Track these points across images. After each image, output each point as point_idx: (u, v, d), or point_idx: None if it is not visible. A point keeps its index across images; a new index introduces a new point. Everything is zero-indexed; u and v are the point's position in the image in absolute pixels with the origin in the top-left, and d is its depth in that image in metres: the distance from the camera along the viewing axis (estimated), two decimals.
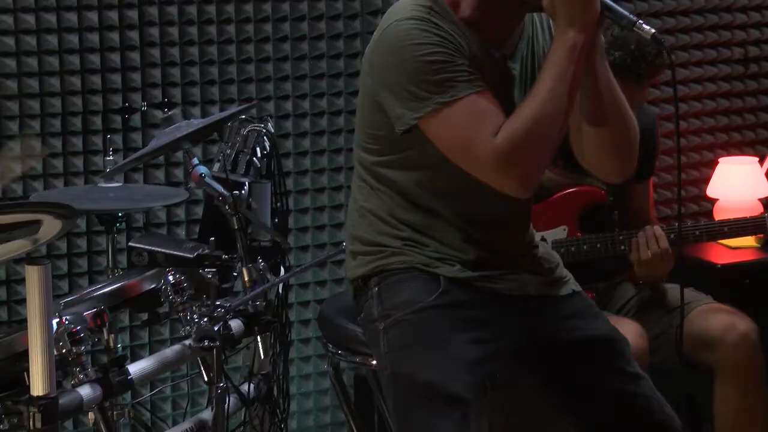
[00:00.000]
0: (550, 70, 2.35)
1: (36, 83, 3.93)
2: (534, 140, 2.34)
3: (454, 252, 2.55)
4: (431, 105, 2.38)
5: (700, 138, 4.74)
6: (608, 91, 2.45)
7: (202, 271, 3.04)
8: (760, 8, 4.76)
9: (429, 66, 2.37)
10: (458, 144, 2.40)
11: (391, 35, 2.43)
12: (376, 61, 2.47)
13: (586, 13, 2.32)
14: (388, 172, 2.54)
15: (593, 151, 2.51)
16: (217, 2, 4.09)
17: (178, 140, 3.08)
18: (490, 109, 2.38)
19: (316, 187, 4.29)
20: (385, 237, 2.57)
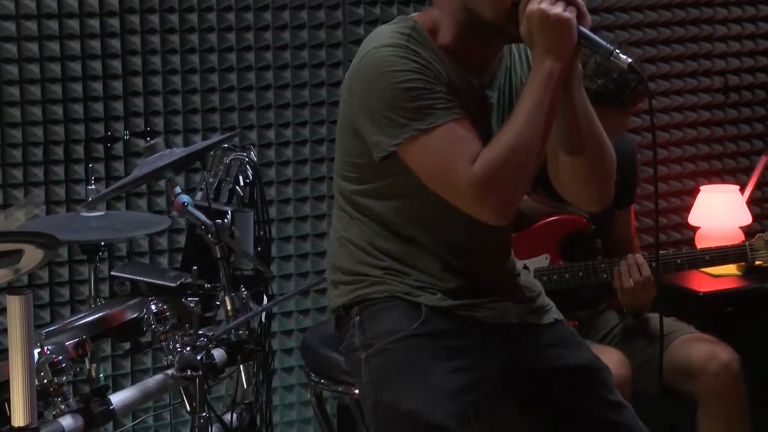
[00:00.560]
0: (527, 98, 2.36)
1: (18, 112, 3.92)
2: (511, 168, 2.34)
3: (435, 281, 2.55)
4: (409, 132, 2.38)
5: (682, 166, 4.77)
6: (585, 119, 2.45)
7: (185, 300, 3.04)
8: (740, 37, 4.80)
9: (407, 93, 2.38)
10: (436, 171, 2.40)
11: (370, 62, 2.43)
12: (355, 88, 2.47)
13: (563, 42, 2.34)
14: (368, 201, 2.55)
15: (570, 180, 2.52)
16: (199, 31, 4.10)
17: (161, 169, 3.08)
18: (467, 137, 2.38)
19: (298, 216, 4.30)
20: (366, 266, 2.57)
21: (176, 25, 4.07)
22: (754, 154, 4.82)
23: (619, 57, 2.34)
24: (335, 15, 4.24)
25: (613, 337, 3.55)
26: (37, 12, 3.91)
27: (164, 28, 4.06)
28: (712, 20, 4.74)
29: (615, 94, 3.30)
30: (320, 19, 4.23)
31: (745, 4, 4.79)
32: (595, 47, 2.36)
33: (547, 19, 2.32)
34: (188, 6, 4.08)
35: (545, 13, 2.32)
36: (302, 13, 4.21)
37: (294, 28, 4.20)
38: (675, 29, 4.69)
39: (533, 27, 2.34)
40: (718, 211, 4.39)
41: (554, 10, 2.32)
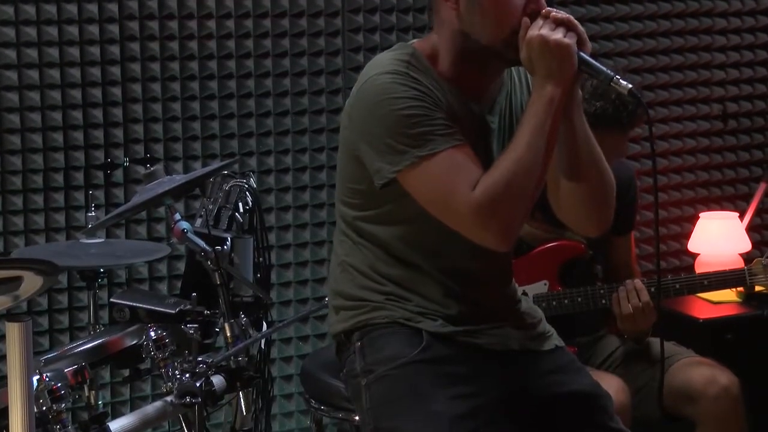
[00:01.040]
0: (527, 123, 2.37)
1: (18, 139, 3.93)
2: (512, 194, 2.35)
3: (436, 306, 2.55)
4: (409, 159, 2.39)
5: (681, 193, 4.77)
6: (586, 145, 2.46)
7: (184, 326, 3.04)
8: (738, 65, 4.81)
9: (407, 120, 2.39)
10: (437, 197, 2.41)
11: (370, 89, 2.44)
12: (355, 115, 2.48)
13: (564, 68, 2.35)
14: (369, 227, 2.55)
15: (570, 205, 2.52)
16: (199, 58, 4.11)
17: (161, 196, 3.08)
18: (468, 163, 2.39)
19: (298, 242, 4.30)
20: (367, 291, 2.57)
21: (176, 53, 4.08)
22: (753, 181, 4.83)
23: (620, 83, 2.35)
24: (335, 42, 4.25)
25: (612, 363, 3.54)
26: (38, 40, 3.92)
27: (164, 56, 4.07)
28: (710, 48, 4.76)
29: (613, 116, 3.31)
30: (320, 46, 4.24)
31: (742, 32, 4.81)
32: (595, 73, 2.37)
33: (547, 45, 2.33)
34: (188, 34, 4.09)
35: (545, 39, 2.33)
36: (302, 41, 4.22)
37: (294, 55, 4.22)
38: (673, 57, 4.71)
39: (534, 53, 2.35)
40: (718, 237, 4.39)
41: (554, 36, 2.33)
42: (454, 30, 2.46)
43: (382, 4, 4.29)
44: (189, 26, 4.09)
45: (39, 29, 3.92)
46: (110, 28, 4.00)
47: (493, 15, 2.40)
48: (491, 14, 2.40)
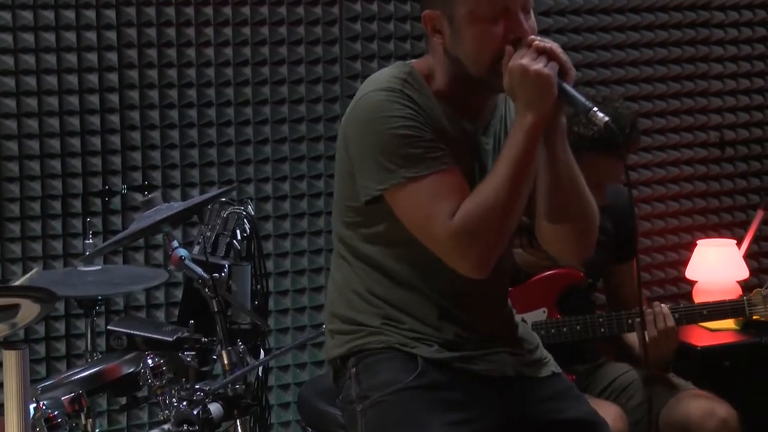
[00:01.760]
0: (507, 153, 2.39)
1: (16, 167, 3.93)
2: (489, 224, 2.37)
3: (432, 330, 2.55)
4: (396, 179, 2.41)
5: (678, 220, 4.77)
6: (568, 174, 2.47)
7: (182, 354, 3.03)
8: (735, 92, 4.83)
9: (399, 139, 2.41)
10: (418, 220, 2.43)
11: (364, 106, 2.46)
12: (350, 130, 2.50)
13: (544, 98, 2.36)
14: (366, 247, 2.55)
15: (551, 233, 2.53)
16: (198, 86, 4.12)
17: (158, 223, 3.08)
18: (452, 189, 2.41)
19: (296, 269, 4.29)
20: (363, 315, 2.57)
21: (174, 80, 4.09)
22: (750, 209, 4.83)
23: (597, 115, 2.36)
24: (333, 70, 4.27)
25: (613, 391, 3.53)
26: (36, 67, 3.93)
27: (162, 83, 4.08)
28: (707, 75, 4.77)
29: (610, 140, 3.32)
30: (318, 73, 4.25)
31: (739, 59, 4.82)
32: (574, 104, 2.38)
33: (528, 74, 2.35)
34: (186, 61, 4.10)
35: (526, 68, 2.35)
36: (300, 68, 4.23)
37: (292, 83, 4.23)
38: (670, 84, 4.72)
39: (515, 82, 2.37)
40: (716, 265, 4.39)
41: (535, 66, 2.35)
42: (442, 60, 2.49)
43: (379, 32, 4.31)
44: (187, 54, 4.10)
45: (37, 57, 3.93)
46: (109, 56, 4.01)
47: (474, 47, 2.43)
48: (472, 46, 2.43)
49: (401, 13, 4.33)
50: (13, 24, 3.90)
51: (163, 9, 4.05)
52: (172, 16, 4.06)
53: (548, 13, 4.50)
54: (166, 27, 4.07)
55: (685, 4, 4.71)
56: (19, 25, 3.90)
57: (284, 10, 4.19)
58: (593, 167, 3.29)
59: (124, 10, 4.01)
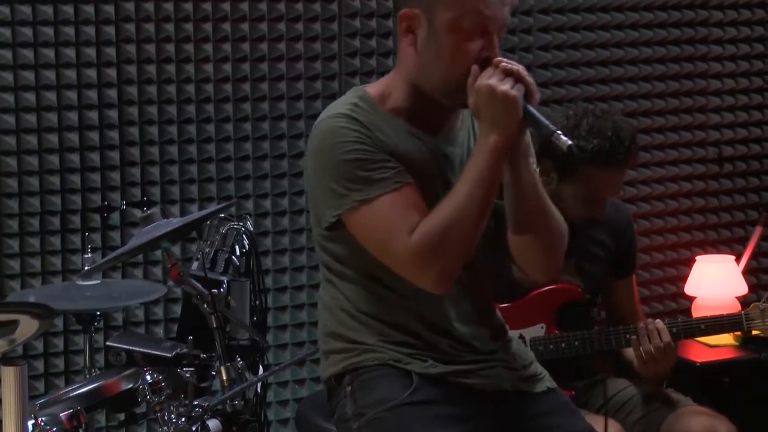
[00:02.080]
0: (469, 172, 2.40)
1: (15, 183, 3.93)
2: (448, 241, 2.38)
3: (425, 345, 2.55)
4: (349, 203, 2.43)
5: (677, 236, 4.78)
6: (533, 194, 2.48)
7: (180, 370, 3.03)
8: (733, 109, 4.84)
9: (348, 164, 2.43)
10: (376, 241, 2.44)
11: (316, 134, 2.50)
12: (308, 161, 2.54)
13: (508, 118, 2.37)
14: (348, 270, 2.56)
15: (519, 251, 2.55)
16: (197, 101, 4.13)
17: (157, 239, 3.08)
18: (408, 207, 2.42)
19: (294, 285, 4.29)
20: (356, 333, 2.57)
21: (173, 96, 4.09)
22: (749, 224, 4.84)
23: (560, 138, 2.37)
24: (332, 86, 4.27)
25: (612, 407, 3.53)
26: (36, 84, 3.93)
27: (162, 99, 4.08)
28: (706, 91, 4.78)
29: (610, 153, 3.33)
30: (317, 89, 4.26)
31: (738, 76, 4.83)
32: (538, 126, 2.40)
33: (494, 94, 2.36)
34: (186, 77, 4.11)
35: (492, 88, 2.37)
36: (299, 84, 4.24)
37: (291, 99, 4.23)
38: (669, 100, 4.73)
39: (481, 101, 2.39)
40: (714, 281, 4.39)
41: (501, 87, 2.37)
42: (410, 64, 2.49)
43: (378, 67, 4.32)
44: (186, 70, 4.11)
45: (37, 73, 3.93)
46: (108, 71, 4.01)
47: (448, 56, 2.43)
48: (446, 55, 2.44)
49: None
50: (13, 40, 3.90)
51: (162, 25, 4.06)
52: (171, 32, 4.07)
53: (548, 11, 4.52)
54: (165, 43, 4.07)
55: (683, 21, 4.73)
56: (18, 41, 3.91)
57: (283, 26, 4.20)
58: (593, 180, 3.30)
59: (124, 27, 4.02)
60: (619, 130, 3.33)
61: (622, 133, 3.32)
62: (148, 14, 4.04)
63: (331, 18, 4.27)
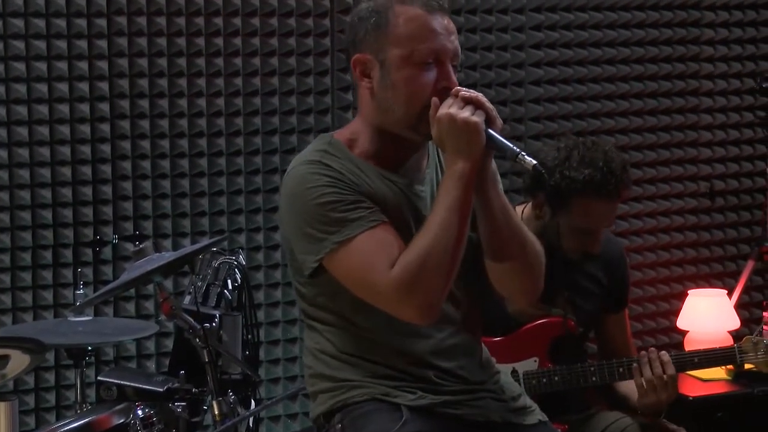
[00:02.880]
0: (441, 201, 2.43)
1: (7, 217, 3.93)
2: (429, 270, 2.39)
3: (412, 378, 2.55)
4: (328, 246, 2.44)
5: (669, 270, 4.78)
6: (504, 217, 2.50)
7: (172, 405, 3.02)
8: (724, 143, 4.85)
9: (321, 208, 2.44)
10: (357, 280, 2.45)
11: (287, 182, 2.52)
12: (281, 210, 2.55)
13: (472, 145, 2.40)
14: (328, 315, 2.57)
15: (497, 277, 2.56)
16: (189, 136, 4.13)
17: (150, 273, 3.07)
18: (385, 243, 2.44)
19: (287, 319, 4.28)
20: (342, 372, 2.57)
21: (166, 130, 4.10)
22: (740, 259, 4.84)
23: (525, 159, 2.40)
24: (325, 120, 4.28)
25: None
26: (28, 118, 3.94)
27: (154, 133, 4.09)
28: (697, 126, 4.80)
29: (601, 184, 3.33)
30: (309, 124, 4.27)
31: (729, 111, 4.85)
32: (502, 150, 2.43)
33: (455, 123, 2.39)
34: (179, 111, 4.11)
35: (453, 117, 2.39)
36: (291, 119, 4.25)
37: (283, 133, 4.24)
38: (660, 134, 4.75)
39: (443, 131, 2.41)
40: (707, 315, 4.39)
41: (462, 115, 2.40)
42: (370, 107, 2.53)
43: None
44: (179, 104, 4.11)
45: (29, 107, 3.94)
46: (101, 106, 4.02)
47: (405, 92, 2.46)
48: (402, 92, 2.47)
49: None
50: (6, 75, 3.91)
51: (155, 60, 4.07)
52: (164, 67, 4.08)
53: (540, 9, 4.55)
54: (158, 78, 4.08)
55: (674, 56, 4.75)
56: (11, 76, 3.92)
57: (276, 61, 4.22)
58: (584, 212, 3.30)
59: (116, 62, 4.03)
60: (610, 161, 3.33)
61: (613, 164, 3.33)
62: (141, 49, 4.06)
63: (324, 111, 4.29)
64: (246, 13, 4.17)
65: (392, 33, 2.46)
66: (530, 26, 4.53)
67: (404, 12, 2.46)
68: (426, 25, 2.45)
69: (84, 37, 3.98)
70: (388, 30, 2.46)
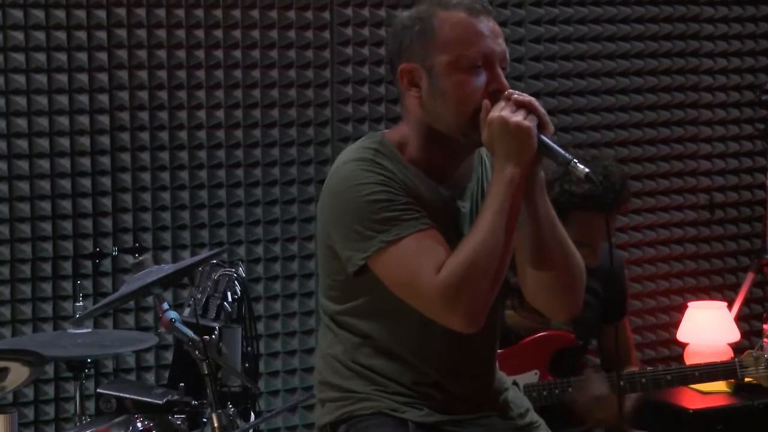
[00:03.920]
0: (489, 205, 2.39)
1: (6, 229, 3.93)
2: (476, 275, 2.35)
3: (420, 396, 2.53)
4: (377, 244, 2.39)
5: (669, 282, 4.78)
6: (550, 227, 2.46)
7: (171, 417, 3.01)
8: (724, 156, 4.86)
9: (372, 205, 2.40)
10: (403, 281, 2.41)
11: (337, 178, 2.47)
12: (326, 205, 2.49)
13: (523, 150, 2.36)
14: (350, 320, 2.54)
15: (537, 288, 2.52)
16: (189, 148, 4.14)
17: (149, 285, 3.07)
18: (433, 246, 2.40)
19: (286, 331, 4.28)
20: (351, 382, 2.55)
21: (166, 143, 4.10)
22: (740, 271, 4.84)
23: (577, 167, 2.36)
24: (324, 132, 4.28)
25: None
26: (28, 130, 3.94)
27: (154, 145, 4.09)
28: (697, 138, 4.81)
29: (601, 197, 3.33)
30: (309, 136, 4.27)
31: (728, 123, 4.86)
32: (553, 156, 2.38)
33: (507, 126, 2.35)
34: (178, 124, 4.12)
35: (505, 120, 2.35)
36: (291, 131, 4.25)
37: (283, 145, 4.24)
38: (660, 147, 4.75)
39: (494, 134, 2.37)
40: (707, 327, 4.39)
41: (514, 118, 2.35)
42: (419, 117, 2.49)
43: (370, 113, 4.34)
44: (179, 116, 4.12)
45: (29, 120, 3.94)
46: (101, 118, 4.02)
47: (455, 98, 2.42)
48: (453, 98, 2.42)
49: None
50: (6, 87, 3.91)
51: (155, 72, 4.08)
52: (164, 79, 4.09)
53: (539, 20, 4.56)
54: (158, 90, 4.09)
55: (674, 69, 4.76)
56: (11, 89, 3.92)
57: (276, 73, 4.22)
58: (584, 226, 3.29)
59: (116, 74, 4.03)
60: (610, 175, 3.33)
61: (612, 178, 3.33)
62: (141, 61, 4.06)
63: (324, 122, 4.29)
64: (245, 25, 4.18)
65: (438, 39, 2.41)
66: (529, 39, 4.54)
67: (448, 17, 2.42)
68: (472, 28, 2.41)
69: (84, 49, 3.99)
70: (433, 37, 2.41)
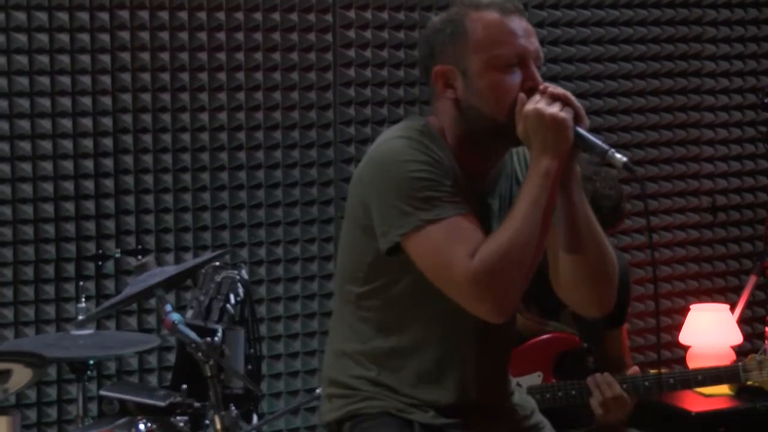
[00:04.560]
0: (525, 196, 2.37)
1: (9, 231, 3.93)
2: (509, 264, 2.34)
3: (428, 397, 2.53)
4: (415, 222, 2.38)
5: (672, 285, 4.78)
6: (584, 219, 2.45)
7: (174, 419, 3.01)
8: (726, 158, 4.86)
9: (416, 182, 2.39)
10: (436, 264, 2.39)
11: (383, 151, 2.45)
12: (367, 177, 2.47)
13: (559, 142, 2.35)
14: (371, 302, 2.52)
15: (571, 282, 2.49)
16: (192, 150, 4.14)
17: (152, 287, 3.07)
18: (471, 232, 2.38)
19: (289, 334, 4.28)
20: (359, 380, 2.55)
21: (168, 145, 4.11)
22: (743, 273, 4.84)
23: (614, 157, 2.34)
24: (327, 135, 4.29)
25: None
26: (31, 132, 3.94)
27: (157, 148, 4.10)
28: (699, 141, 4.81)
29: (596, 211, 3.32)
30: (311, 138, 4.27)
31: (730, 126, 4.86)
32: (590, 147, 2.37)
33: (543, 118, 2.34)
34: (181, 126, 4.12)
35: (541, 112, 2.34)
36: (294, 133, 4.25)
37: (286, 147, 4.25)
38: (662, 149, 4.75)
39: (530, 127, 2.36)
40: (709, 330, 4.38)
41: (550, 110, 2.34)
42: (455, 117, 2.48)
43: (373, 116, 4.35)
44: (182, 119, 4.12)
45: (33, 122, 3.94)
46: (104, 120, 4.03)
47: (491, 98, 2.42)
48: (489, 98, 2.42)
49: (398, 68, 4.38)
50: (9, 90, 3.92)
51: (158, 75, 4.08)
52: (167, 81, 4.09)
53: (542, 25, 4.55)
54: (161, 92, 4.09)
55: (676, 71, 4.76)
56: (15, 91, 3.92)
57: (278, 75, 4.22)
58: None
59: (119, 76, 4.04)
60: (600, 198, 3.32)
61: (602, 201, 3.32)
62: (143, 64, 4.07)
63: (326, 124, 4.29)
64: (248, 28, 4.18)
65: (471, 40, 2.41)
66: None
67: (481, 18, 2.42)
68: (504, 28, 2.40)
69: (87, 52, 3.99)
70: (466, 38, 2.41)
